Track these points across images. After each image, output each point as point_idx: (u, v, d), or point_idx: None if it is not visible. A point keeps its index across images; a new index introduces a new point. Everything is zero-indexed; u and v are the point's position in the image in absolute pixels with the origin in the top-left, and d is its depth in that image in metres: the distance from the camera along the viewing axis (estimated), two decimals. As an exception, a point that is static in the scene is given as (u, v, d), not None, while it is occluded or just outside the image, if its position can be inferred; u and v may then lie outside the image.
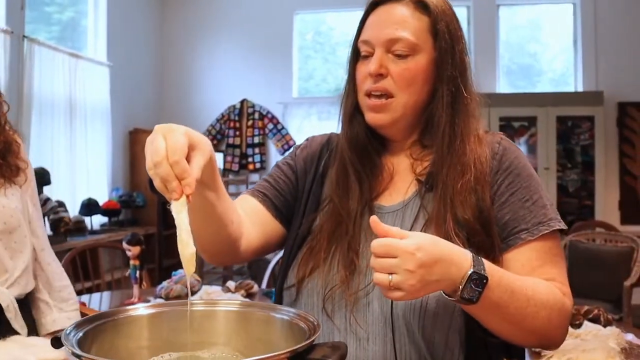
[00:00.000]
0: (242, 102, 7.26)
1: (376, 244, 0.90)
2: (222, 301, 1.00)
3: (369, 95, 1.13)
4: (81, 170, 5.84)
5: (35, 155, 5.17)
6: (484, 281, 0.92)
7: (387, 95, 1.12)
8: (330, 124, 1.29)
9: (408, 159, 1.19)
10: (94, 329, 0.87)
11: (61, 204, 5.16)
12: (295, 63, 7.30)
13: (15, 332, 1.61)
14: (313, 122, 7.10)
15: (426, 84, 1.12)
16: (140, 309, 0.95)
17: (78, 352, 0.74)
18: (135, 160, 6.77)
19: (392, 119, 1.13)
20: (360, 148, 1.18)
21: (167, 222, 6.84)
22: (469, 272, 0.92)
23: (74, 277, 3.76)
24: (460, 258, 0.93)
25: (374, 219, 0.92)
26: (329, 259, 1.13)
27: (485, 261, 0.95)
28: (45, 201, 4.87)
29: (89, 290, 3.87)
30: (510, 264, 1.06)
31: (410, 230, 1.07)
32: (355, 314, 1.08)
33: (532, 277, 1.04)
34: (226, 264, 1.46)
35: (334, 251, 1.13)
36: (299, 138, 7.06)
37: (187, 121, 7.14)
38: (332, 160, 1.24)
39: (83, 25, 6.30)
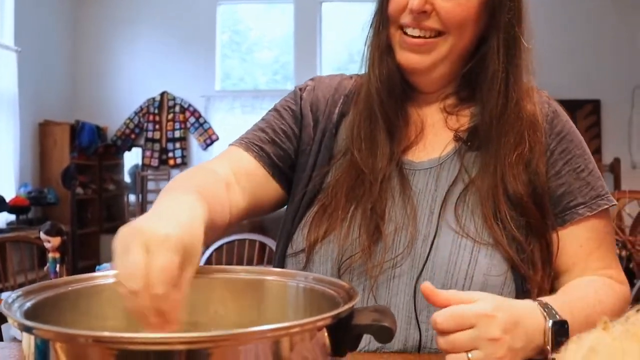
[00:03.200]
0: (162, 94, 6.96)
1: (441, 316, 0.72)
2: (209, 267, 0.78)
3: (403, 30, 0.94)
4: (-15, 163, 5.35)
5: None
6: (565, 326, 0.77)
7: (431, 33, 0.93)
8: (255, 118, 1.09)
9: (440, 112, 1.02)
10: (43, 302, 0.64)
11: (-38, 200, 4.69)
12: (218, 55, 7.05)
13: None
14: (237, 116, 6.88)
15: (477, 28, 0.95)
16: (109, 277, 0.71)
17: (24, 321, 0.52)
18: (45, 154, 6.31)
19: (433, 62, 0.95)
20: (393, 93, 0.98)
21: (82, 219, 6.41)
22: (549, 325, 0.76)
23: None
24: (527, 309, 0.78)
25: (427, 286, 0.74)
26: (347, 221, 0.94)
27: (547, 299, 0.81)
28: (-57, 196, 4.40)
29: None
30: (567, 244, 0.95)
31: (446, 195, 0.92)
32: (376, 289, 0.91)
33: (587, 276, 0.94)
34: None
35: (353, 211, 0.95)
36: (221, 132, 6.83)
37: (103, 113, 6.83)
38: (348, 106, 1.04)
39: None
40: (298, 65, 6.84)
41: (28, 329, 0.52)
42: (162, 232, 0.58)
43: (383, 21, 0.98)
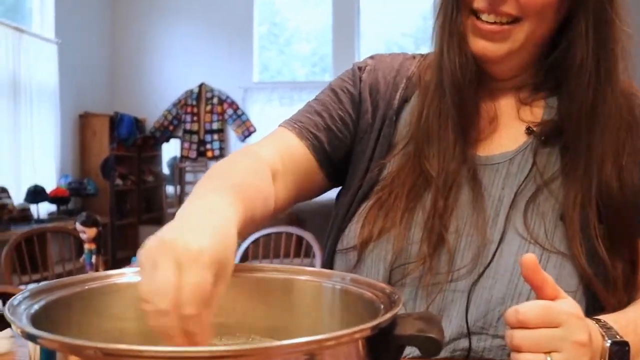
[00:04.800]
0: (200, 86, 6.95)
1: (529, 308, 0.63)
2: (239, 265, 0.71)
3: (477, 15, 0.84)
4: (26, 155, 5.44)
5: (-26, 136, 4.75)
6: (626, 348, 0.68)
7: (508, 19, 0.82)
8: (294, 110, 0.99)
9: (514, 102, 0.91)
10: (55, 302, 0.58)
11: (4, 190, 4.78)
12: (255, 47, 7.02)
13: None
14: (275, 108, 6.84)
15: (558, 12, 0.83)
16: (128, 275, 0.66)
17: (29, 329, 0.46)
18: (85, 146, 6.39)
19: (509, 51, 0.84)
20: (466, 84, 0.87)
21: (121, 210, 6.47)
22: (607, 345, 0.67)
23: (20, 268, 3.38)
24: (591, 324, 0.69)
25: (532, 258, 0.65)
26: (404, 220, 0.85)
27: (609, 316, 0.72)
28: (-14, 186, 4.47)
29: (36, 283, 3.50)
30: None
31: (515, 195, 0.82)
32: (429, 297, 0.82)
33: None
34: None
35: (412, 211, 0.85)
36: (259, 124, 6.80)
37: (141, 105, 6.86)
38: (411, 90, 0.94)
39: (28, 7, 5.86)
40: (336, 57, 6.75)
41: (32, 338, 0.46)
42: (195, 246, 0.52)
43: (456, 4, 0.86)
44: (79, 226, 2.50)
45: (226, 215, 0.61)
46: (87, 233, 2.47)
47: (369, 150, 0.92)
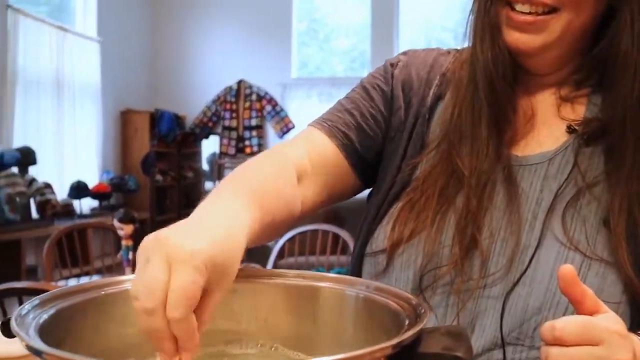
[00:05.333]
0: (239, 82, 6.98)
1: (568, 324, 0.58)
2: (259, 271, 0.69)
3: (511, 5, 0.79)
4: (69, 151, 5.54)
5: (19, 133, 4.87)
6: None
7: (544, 9, 0.77)
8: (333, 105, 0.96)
9: (554, 99, 0.86)
10: (68, 309, 0.56)
11: (48, 186, 4.87)
12: (294, 43, 7.01)
13: None
14: (313, 104, 6.82)
15: (597, 1, 0.78)
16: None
17: (33, 343, 0.44)
18: (127, 143, 6.48)
19: (544, 44, 0.79)
20: (504, 77, 0.82)
21: (161, 206, 6.55)
22: None
23: (60, 262, 3.44)
24: (637, 341, 0.64)
25: (570, 269, 0.60)
26: (436, 222, 0.81)
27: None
28: (30, 182, 4.57)
29: (77, 277, 3.56)
30: None
31: (555, 198, 0.77)
32: (462, 305, 0.78)
33: None
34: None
35: (444, 213, 0.81)
36: (298, 121, 6.79)
37: (181, 102, 6.93)
38: (445, 87, 0.89)
39: (72, 6, 5.97)
40: (375, 52, 6.70)
41: (37, 352, 0.44)
42: (188, 247, 0.49)
43: None
44: (116, 223, 2.52)
45: (235, 219, 0.59)
46: (125, 230, 2.48)
47: (400, 149, 0.88)
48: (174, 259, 0.49)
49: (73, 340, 0.56)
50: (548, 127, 0.84)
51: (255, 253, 5.38)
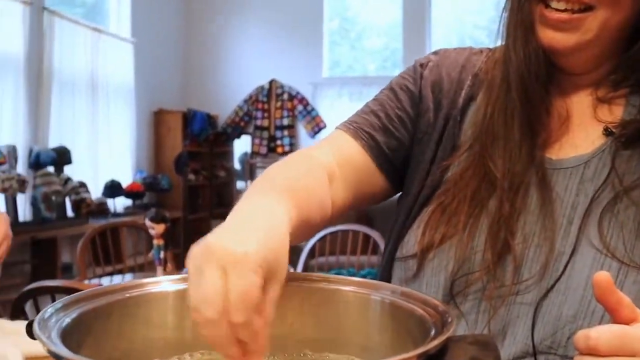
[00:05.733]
0: (270, 82, 7.00)
1: (603, 333, 0.55)
2: (288, 274, 0.68)
3: (546, 3, 0.76)
4: (104, 150, 5.63)
5: (55, 133, 4.96)
6: None
7: (579, 7, 0.75)
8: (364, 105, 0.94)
9: (590, 100, 0.83)
10: (91, 312, 0.56)
11: (82, 185, 4.94)
12: (325, 42, 7.00)
13: None
14: (345, 103, 6.80)
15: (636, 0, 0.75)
16: (164, 283, 0.63)
17: (54, 348, 0.43)
18: (159, 142, 6.55)
19: (579, 42, 0.76)
20: (538, 77, 0.80)
21: (193, 205, 6.61)
22: None
23: (94, 260, 3.49)
24: None
25: (605, 276, 0.58)
26: (468, 227, 0.79)
27: None
28: (65, 181, 4.65)
29: (110, 275, 3.60)
30: None
31: (591, 202, 0.74)
32: (493, 312, 0.75)
33: None
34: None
35: (476, 217, 0.79)
36: (329, 120, 6.78)
37: (213, 101, 6.97)
38: (477, 88, 0.87)
39: (107, 8, 6.06)
40: (406, 51, 6.65)
41: (57, 357, 0.44)
42: (240, 249, 0.49)
43: None
44: (148, 222, 2.54)
45: (275, 216, 0.58)
46: (156, 229, 2.50)
47: (429, 151, 0.86)
48: (228, 263, 0.48)
49: (96, 343, 0.55)
50: (584, 129, 0.81)
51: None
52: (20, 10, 4.58)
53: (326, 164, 0.82)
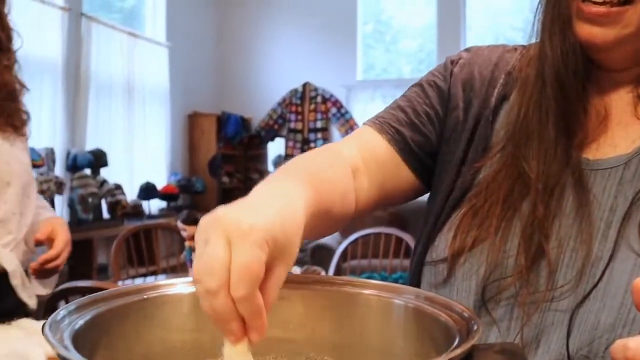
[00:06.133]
0: (304, 85, 7.00)
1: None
2: (307, 277, 0.66)
3: None
4: (139, 153, 5.69)
5: (92, 136, 5.03)
6: None
7: (619, 0, 0.71)
8: None
9: (630, 98, 0.79)
10: (106, 313, 0.55)
11: (118, 187, 5.01)
12: (359, 45, 6.98)
13: (23, 307, 1.42)
14: (378, 106, 6.75)
15: None
16: (179, 285, 0.62)
17: (64, 352, 0.42)
18: (194, 145, 6.60)
19: (619, 37, 0.72)
20: (569, 74, 0.76)
21: (227, 208, 6.64)
22: None
23: (128, 262, 3.52)
24: None
25: None
26: (500, 230, 0.76)
27: None
28: (101, 183, 4.71)
29: (143, 277, 3.64)
30: None
31: (631, 205, 0.70)
32: (526, 319, 0.72)
33: None
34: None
35: (509, 220, 0.76)
36: (362, 122, 6.73)
37: (247, 104, 7.01)
38: (510, 87, 0.84)
39: (143, 13, 6.15)
40: (441, 52, 6.59)
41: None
42: (247, 222, 0.48)
43: None
44: (180, 224, 2.55)
45: (291, 198, 0.57)
46: (188, 231, 2.51)
47: (459, 151, 0.83)
48: (233, 235, 0.47)
49: (110, 346, 0.54)
50: (623, 128, 0.77)
51: (318, 255, 5.37)
52: (59, 16, 4.67)
53: (350, 158, 0.81)
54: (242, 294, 0.46)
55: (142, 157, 5.74)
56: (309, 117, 7.04)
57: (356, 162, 0.82)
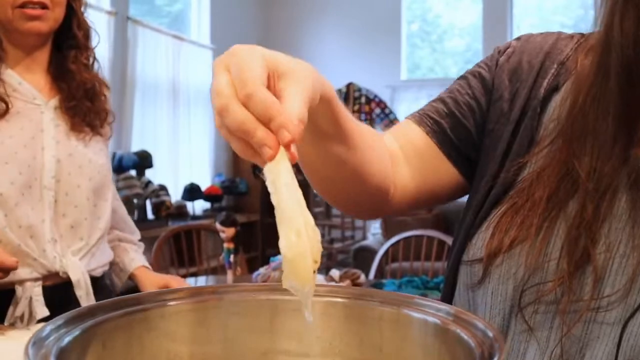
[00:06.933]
0: (348, 86, 6.95)
1: None
2: (324, 287, 0.62)
3: None
4: (184, 154, 5.75)
5: (137, 137, 5.11)
6: None
7: None
8: None
9: None
10: (103, 323, 0.52)
11: (163, 188, 5.06)
12: (403, 45, 6.89)
13: None
14: (422, 106, 6.66)
15: None
16: (184, 297, 0.58)
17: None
18: (238, 146, 6.63)
19: None
20: (638, 61, 0.67)
21: (271, 209, 6.63)
22: None
23: (169, 262, 3.54)
24: None
25: None
26: (542, 231, 0.69)
27: None
28: (146, 184, 4.77)
29: (184, 277, 3.65)
30: None
31: None
32: (567, 332, 0.66)
33: None
34: (373, 219, 1.13)
35: (553, 221, 0.70)
36: (408, 123, 6.66)
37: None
38: (563, 77, 0.77)
39: (188, 17, 6.22)
40: (488, 52, 6.41)
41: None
42: (242, 48, 0.53)
43: None
44: (218, 225, 2.54)
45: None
46: (226, 232, 2.50)
47: (502, 144, 0.77)
48: (230, 59, 0.51)
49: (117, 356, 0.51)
50: None
51: (360, 257, 5.32)
52: (106, 20, 4.74)
53: (390, 146, 0.81)
54: (247, 91, 0.48)
55: (186, 159, 5.79)
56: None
57: (396, 152, 0.81)
